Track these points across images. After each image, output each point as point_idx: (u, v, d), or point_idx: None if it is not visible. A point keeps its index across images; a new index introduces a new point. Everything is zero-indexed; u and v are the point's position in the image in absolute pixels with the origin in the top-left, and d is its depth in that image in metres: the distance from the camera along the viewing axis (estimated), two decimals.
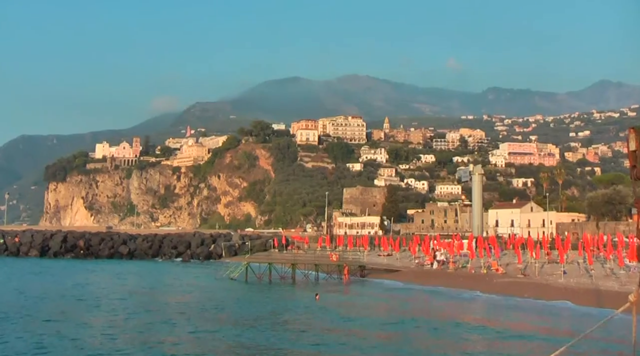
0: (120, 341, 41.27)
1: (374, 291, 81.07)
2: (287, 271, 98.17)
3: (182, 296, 73.12)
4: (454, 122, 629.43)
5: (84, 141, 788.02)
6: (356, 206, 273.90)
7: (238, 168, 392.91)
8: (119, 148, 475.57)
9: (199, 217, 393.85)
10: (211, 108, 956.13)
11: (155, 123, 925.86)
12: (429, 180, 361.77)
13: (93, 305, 61.83)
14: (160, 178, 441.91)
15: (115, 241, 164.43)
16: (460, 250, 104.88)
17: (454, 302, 68.59)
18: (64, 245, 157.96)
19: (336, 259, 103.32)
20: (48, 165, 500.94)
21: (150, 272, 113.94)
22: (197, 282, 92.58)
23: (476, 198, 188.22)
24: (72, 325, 47.13)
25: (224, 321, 52.11)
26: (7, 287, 76.92)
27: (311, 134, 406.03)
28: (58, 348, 38.14)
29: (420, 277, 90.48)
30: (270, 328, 48.25)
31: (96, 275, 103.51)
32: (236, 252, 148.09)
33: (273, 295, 77.26)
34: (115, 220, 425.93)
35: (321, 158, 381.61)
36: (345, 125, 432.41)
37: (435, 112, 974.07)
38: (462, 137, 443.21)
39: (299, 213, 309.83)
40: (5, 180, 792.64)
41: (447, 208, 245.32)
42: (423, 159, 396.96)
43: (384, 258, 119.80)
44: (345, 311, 60.43)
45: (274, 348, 39.83)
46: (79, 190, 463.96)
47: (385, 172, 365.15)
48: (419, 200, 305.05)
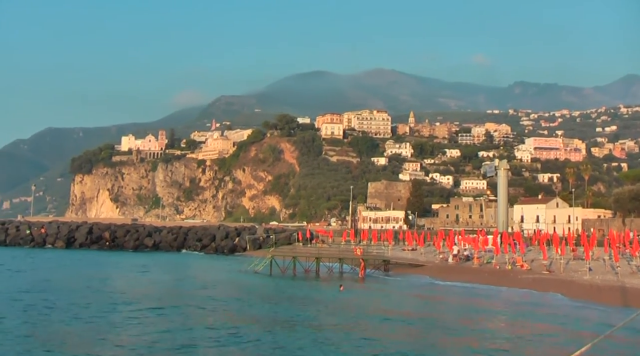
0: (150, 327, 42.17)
1: (393, 287, 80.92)
2: (311, 265, 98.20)
3: (207, 289, 73.47)
4: (480, 116, 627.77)
5: (109, 134, 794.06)
6: (381, 200, 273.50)
7: (263, 161, 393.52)
8: (145, 141, 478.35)
9: (224, 210, 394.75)
10: (236, 102, 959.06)
11: (181, 117, 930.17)
12: (454, 174, 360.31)
13: (122, 298, 62.39)
14: (186, 171, 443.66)
15: (141, 233, 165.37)
16: (485, 245, 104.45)
17: (476, 298, 68.44)
18: (89, 237, 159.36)
19: (360, 253, 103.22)
20: (74, 158, 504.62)
21: (175, 264, 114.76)
22: (221, 275, 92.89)
23: (501, 194, 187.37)
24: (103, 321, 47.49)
25: (248, 316, 52.42)
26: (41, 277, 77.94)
27: (336, 128, 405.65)
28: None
29: (444, 272, 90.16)
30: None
31: (123, 267, 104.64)
32: (260, 245, 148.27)
33: (298, 287, 77.56)
34: (141, 212, 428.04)
35: (346, 152, 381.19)
36: (370, 119, 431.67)
37: (460, 106, 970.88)
38: (487, 132, 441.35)
39: (323, 207, 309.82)
40: (32, 172, 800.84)
41: (472, 203, 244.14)
42: (448, 154, 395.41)
43: (408, 252, 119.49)
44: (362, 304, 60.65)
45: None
46: (105, 182, 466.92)
47: (410, 167, 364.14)
48: (444, 195, 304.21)
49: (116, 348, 37.07)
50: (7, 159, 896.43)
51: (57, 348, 36.49)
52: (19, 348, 36.03)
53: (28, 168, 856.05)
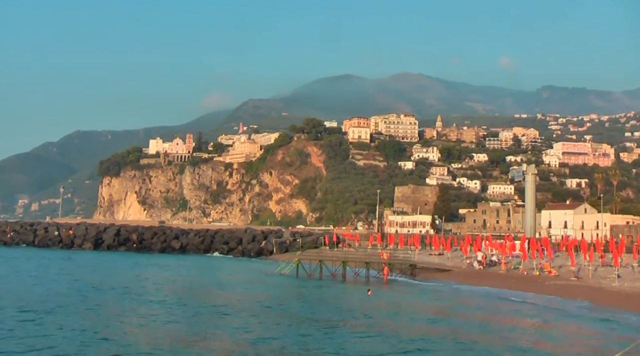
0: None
1: (419, 291, 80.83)
2: (337, 269, 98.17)
3: (234, 293, 73.91)
4: (507, 120, 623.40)
5: (137, 137, 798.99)
6: (407, 204, 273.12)
7: (290, 165, 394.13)
8: (172, 144, 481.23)
9: (251, 213, 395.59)
10: (263, 106, 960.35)
11: (209, 120, 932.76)
12: (482, 179, 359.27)
13: (153, 299, 62.98)
14: (213, 174, 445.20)
15: (168, 235, 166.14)
16: (512, 251, 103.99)
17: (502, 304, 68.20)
18: (117, 239, 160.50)
19: (387, 257, 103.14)
20: (102, 160, 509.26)
21: (202, 267, 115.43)
22: (248, 278, 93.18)
23: (529, 199, 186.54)
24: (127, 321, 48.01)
25: (279, 317, 52.69)
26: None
27: (363, 132, 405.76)
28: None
29: (471, 277, 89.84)
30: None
31: (152, 269, 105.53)
32: (287, 248, 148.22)
33: (325, 291, 77.73)
34: (168, 215, 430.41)
35: (373, 156, 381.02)
36: (397, 123, 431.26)
37: (488, 110, 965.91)
38: (515, 136, 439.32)
39: (350, 211, 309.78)
40: (61, 174, 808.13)
41: (500, 208, 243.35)
42: (475, 158, 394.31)
43: (435, 257, 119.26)
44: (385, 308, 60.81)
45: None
46: (133, 184, 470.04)
47: (437, 171, 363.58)
48: (471, 200, 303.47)
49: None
50: (36, 162, 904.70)
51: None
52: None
53: (57, 170, 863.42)
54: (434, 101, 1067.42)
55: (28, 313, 48.48)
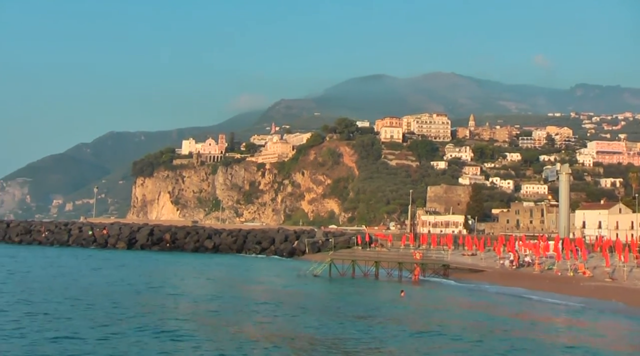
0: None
1: (452, 292, 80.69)
2: (370, 269, 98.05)
3: (269, 292, 74.25)
4: (541, 119, 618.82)
5: (170, 138, 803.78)
6: (440, 204, 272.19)
7: (322, 165, 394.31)
8: (205, 145, 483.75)
9: (283, 213, 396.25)
10: (296, 106, 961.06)
11: (241, 120, 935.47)
12: (515, 179, 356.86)
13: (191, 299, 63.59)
14: (245, 175, 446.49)
15: (201, 235, 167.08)
16: (546, 251, 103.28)
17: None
18: (150, 238, 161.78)
19: (420, 257, 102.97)
20: (136, 161, 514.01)
21: (236, 267, 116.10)
22: (280, 278, 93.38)
23: (563, 199, 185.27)
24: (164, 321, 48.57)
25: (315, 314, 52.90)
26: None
27: (395, 132, 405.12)
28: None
29: (504, 278, 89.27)
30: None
31: (187, 268, 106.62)
32: (319, 248, 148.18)
33: (358, 290, 77.74)
34: (201, 214, 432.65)
35: (405, 156, 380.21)
36: (429, 122, 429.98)
37: (521, 109, 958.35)
38: (548, 135, 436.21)
39: (382, 211, 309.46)
40: (95, 174, 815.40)
41: (533, 208, 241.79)
42: (509, 158, 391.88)
43: (468, 257, 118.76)
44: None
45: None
46: (166, 185, 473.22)
47: (470, 171, 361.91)
48: (504, 200, 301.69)
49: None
50: (70, 162, 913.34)
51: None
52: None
53: (90, 171, 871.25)
54: (466, 100, 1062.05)
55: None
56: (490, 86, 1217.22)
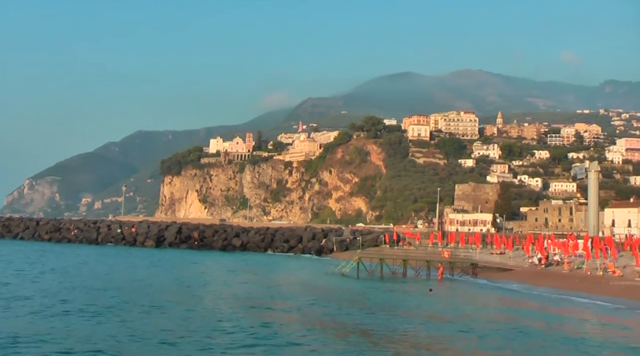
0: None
1: (480, 290, 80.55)
2: (398, 267, 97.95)
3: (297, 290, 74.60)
4: (569, 116, 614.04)
5: (198, 136, 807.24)
6: (468, 203, 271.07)
7: (349, 163, 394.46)
8: (233, 143, 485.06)
9: (310, 212, 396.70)
10: (323, 104, 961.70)
11: (268, 119, 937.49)
12: (543, 177, 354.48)
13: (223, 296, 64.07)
14: (273, 173, 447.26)
15: (229, 233, 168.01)
16: (575, 250, 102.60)
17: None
18: (178, 236, 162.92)
19: (448, 256, 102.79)
20: (163, 160, 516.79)
21: (265, 264, 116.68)
22: (309, 277, 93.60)
23: (592, 197, 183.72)
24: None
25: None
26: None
27: (423, 130, 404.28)
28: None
29: (533, 277, 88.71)
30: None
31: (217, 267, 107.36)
32: (347, 246, 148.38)
33: (387, 288, 77.83)
34: (228, 213, 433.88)
35: (433, 153, 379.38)
36: (457, 120, 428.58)
37: (549, 106, 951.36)
38: (577, 133, 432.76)
39: (410, 209, 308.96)
40: (123, 173, 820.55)
41: (562, 206, 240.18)
42: (537, 155, 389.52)
43: (496, 256, 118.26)
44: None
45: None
46: (194, 183, 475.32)
47: (498, 168, 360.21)
48: (533, 198, 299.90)
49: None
50: (98, 161, 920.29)
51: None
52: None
53: (119, 169, 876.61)
54: (494, 97, 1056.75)
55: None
56: (518, 83, 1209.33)
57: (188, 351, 36.47)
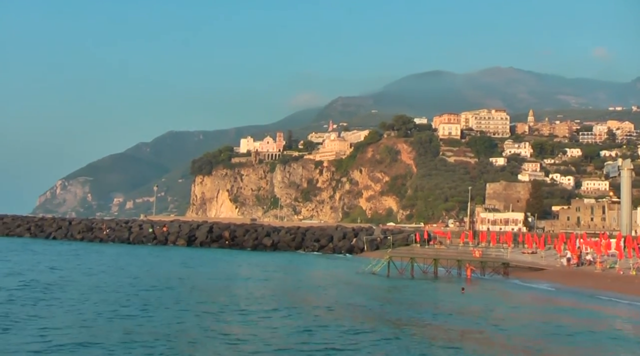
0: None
1: (513, 290, 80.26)
2: (429, 267, 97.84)
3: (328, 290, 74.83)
4: (601, 114, 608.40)
5: (228, 136, 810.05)
6: (499, 201, 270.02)
7: (380, 162, 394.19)
8: (263, 143, 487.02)
9: (341, 211, 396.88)
10: (353, 103, 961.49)
11: (298, 118, 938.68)
12: (575, 175, 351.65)
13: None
14: (303, 172, 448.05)
15: (259, 233, 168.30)
16: (607, 249, 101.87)
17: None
18: (209, 236, 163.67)
19: (479, 255, 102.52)
20: (194, 160, 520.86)
21: (295, 264, 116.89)
22: (340, 276, 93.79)
23: (625, 195, 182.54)
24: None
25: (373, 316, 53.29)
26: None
27: (453, 128, 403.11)
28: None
29: (565, 277, 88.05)
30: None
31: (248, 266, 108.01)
32: (378, 246, 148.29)
33: (418, 288, 77.85)
34: (259, 212, 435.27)
35: (464, 152, 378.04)
36: (488, 118, 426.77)
37: (581, 103, 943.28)
38: (609, 130, 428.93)
39: (440, 208, 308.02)
40: (154, 173, 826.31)
41: (594, 205, 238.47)
42: (569, 153, 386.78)
43: (528, 255, 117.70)
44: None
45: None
46: (224, 183, 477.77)
47: (530, 167, 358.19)
48: (565, 196, 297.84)
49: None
50: (130, 161, 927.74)
51: None
52: None
53: (150, 170, 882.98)
54: (525, 95, 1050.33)
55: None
56: (550, 80, 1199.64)
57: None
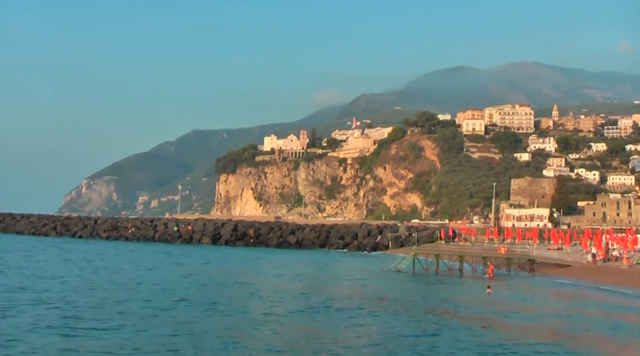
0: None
1: (539, 288, 79.96)
2: (454, 264, 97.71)
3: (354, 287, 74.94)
4: (627, 107, 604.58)
5: (252, 134, 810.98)
6: (524, 197, 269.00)
7: (404, 159, 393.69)
8: (287, 141, 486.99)
9: (365, 208, 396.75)
10: (376, 100, 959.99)
11: (322, 116, 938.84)
12: (600, 170, 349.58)
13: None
14: (327, 170, 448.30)
15: (284, 230, 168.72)
16: (634, 245, 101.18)
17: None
18: (234, 234, 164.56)
19: (505, 252, 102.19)
20: (219, 158, 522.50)
21: (321, 262, 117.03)
22: (365, 273, 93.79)
23: None
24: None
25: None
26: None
27: (477, 124, 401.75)
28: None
29: (592, 273, 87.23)
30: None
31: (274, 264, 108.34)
32: (402, 243, 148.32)
33: (443, 286, 77.78)
34: (284, 210, 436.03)
35: (488, 148, 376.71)
36: (512, 113, 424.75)
37: (606, 97, 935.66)
38: (635, 124, 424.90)
39: (465, 205, 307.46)
40: (179, 172, 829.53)
41: (620, 200, 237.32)
42: (594, 148, 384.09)
43: (554, 252, 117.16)
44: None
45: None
46: (249, 181, 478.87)
47: (554, 162, 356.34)
48: (590, 192, 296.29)
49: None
50: (155, 160, 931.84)
51: None
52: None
53: (175, 168, 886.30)
54: (549, 89, 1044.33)
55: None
56: (574, 74, 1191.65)
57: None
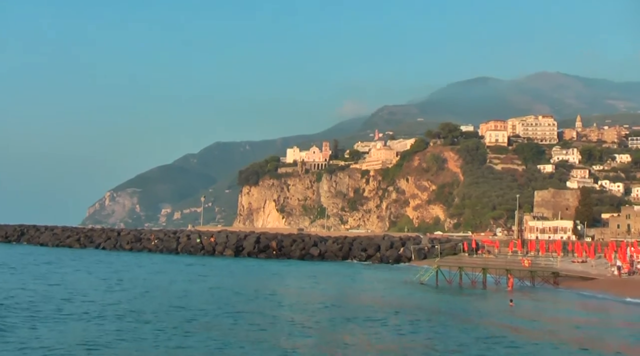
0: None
1: (564, 301, 79.31)
2: (477, 276, 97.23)
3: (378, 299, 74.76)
4: None
5: (274, 146, 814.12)
6: (548, 209, 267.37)
7: (426, 171, 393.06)
8: (309, 153, 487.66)
9: (388, 220, 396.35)
10: (399, 112, 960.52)
11: (344, 128, 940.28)
12: (625, 181, 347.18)
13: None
14: (350, 182, 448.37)
15: (307, 243, 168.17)
16: None
17: None
18: (257, 246, 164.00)
19: (528, 265, 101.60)
20: (241, 170, 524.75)
21: (344, 273, 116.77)
22: (387, 286, 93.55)
23: None
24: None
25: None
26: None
27: (500, 135, 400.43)
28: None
29: (617, 286, 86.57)
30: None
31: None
32: (425, 255, 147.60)
33: (467, 299, 77.45)
34: (306, 222, 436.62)
35: (511, 159, 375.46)
36: (535, 125, 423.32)
37: (630, 108, 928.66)
38: None
39: (488, 217, 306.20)
40: (202, 184, 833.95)
41: None
42: (618, 159, 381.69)
43: (578, 264, 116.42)
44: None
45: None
46: (271, 193, 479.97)
47: (578, 174, 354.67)
48: (614, 204, 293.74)
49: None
50: (178, 172, 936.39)
51: None
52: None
53: (197, 180, 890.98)
54: (572, 100, 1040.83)
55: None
56: (597, 85, 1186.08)
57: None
